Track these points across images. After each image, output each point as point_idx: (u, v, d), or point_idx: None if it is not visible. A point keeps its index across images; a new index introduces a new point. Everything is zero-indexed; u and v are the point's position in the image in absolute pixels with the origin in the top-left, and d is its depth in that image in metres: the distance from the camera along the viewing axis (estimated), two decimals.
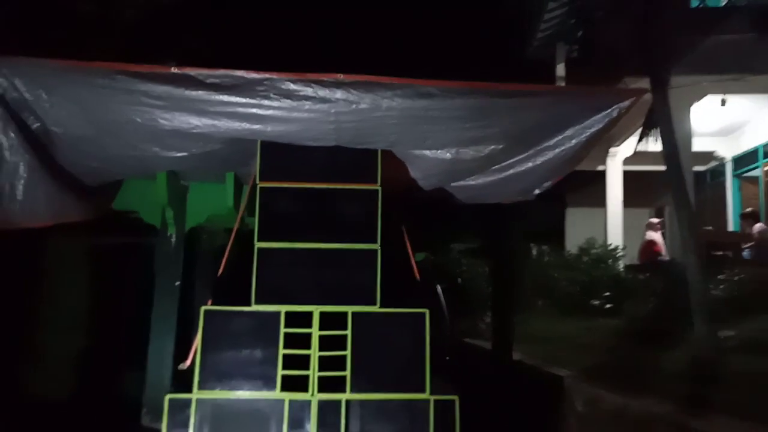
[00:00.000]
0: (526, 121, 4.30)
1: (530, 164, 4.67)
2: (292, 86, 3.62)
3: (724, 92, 8.37)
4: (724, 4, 9.40)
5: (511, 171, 4.76)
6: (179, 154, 4.25)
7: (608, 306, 6.91)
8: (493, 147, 4.48)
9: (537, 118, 4.30)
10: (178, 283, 4.96)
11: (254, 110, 3.74)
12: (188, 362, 3.77)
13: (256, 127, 3.89)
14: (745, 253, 8.27)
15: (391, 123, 4.05)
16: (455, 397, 3.91)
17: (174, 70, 3.51)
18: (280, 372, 3.73)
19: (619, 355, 4.95)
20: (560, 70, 11.00)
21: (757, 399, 3.44)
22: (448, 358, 5.35)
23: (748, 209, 9.74)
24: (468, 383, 4.66)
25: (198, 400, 3.64)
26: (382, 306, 4.06)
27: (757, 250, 8.17)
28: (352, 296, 4.07)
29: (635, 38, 5.28)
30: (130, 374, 5.30)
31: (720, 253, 8.06)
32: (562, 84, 10.51)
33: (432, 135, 4.33)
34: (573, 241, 10.65)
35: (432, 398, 3.86)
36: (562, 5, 9.79)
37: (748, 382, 3.66)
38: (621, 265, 8.85)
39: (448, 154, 4.52)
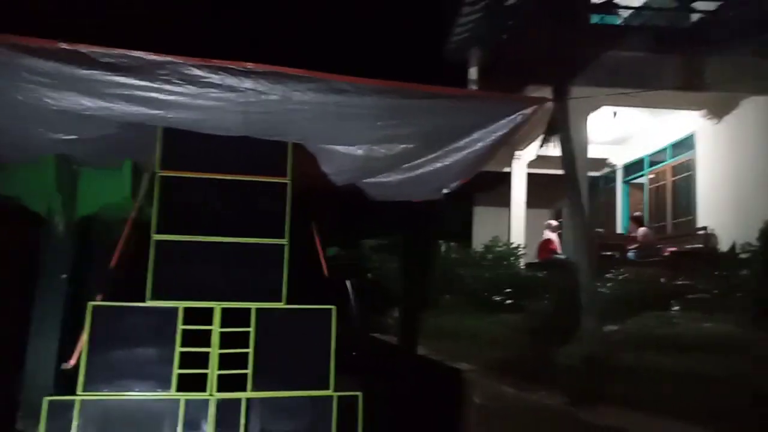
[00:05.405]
0: (437, 122, 4.38)
1: (439, 164, 4.79)
2: (197, 72, 3.43)
3: (617, 105, 9.03)
4: (620, 22, 10.14)
5: (421, 170, 4.86)
6: (69, 137, 3.93)
7: (509, 302, 7.23)
8: (404, 146, 4.54)
9: (447, 120, 4.40)
10: (64, 276, 4.58)
11: (154, 94, 3.51)
12: (72, 362, 3.49)
13: (156, 112, 3.66)
14: (630, 254, 9.01)
15: (303, 117, 3.98)
16: (359, 393, 3.93)
17: (63, 45, 3.21)
18: (176, 371, 3.56)
19: (516, 349, 5.21)
20: (473, 73, 11.37)
21: (640, 390, 3.74)
22: (354, 353, 5.38)
23: (636, 213, 10.62)
24: (373, 378, 4.70)
25: (82, 402, 3.39)
26: (288, 302, 4.00)
27: (641, 252, 8.93)
28: (257, 292, 3.97)
29: (540, 50, 5.56)
30: (6, 375, 4.83)
31: (609, 253, 8.71)
32: (474, 88, 10.87)
33: (344, 131, 4.30)
34: (480, 240, 11.06)
35: (335, 395, 3.86)
36: (477, 11, 10.11)
37: (632, 374, 3.98)
38: (522, 263, 9.31)
39: (359, 150, 4.52)
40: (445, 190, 5.30)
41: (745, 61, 7.67)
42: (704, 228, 8.93)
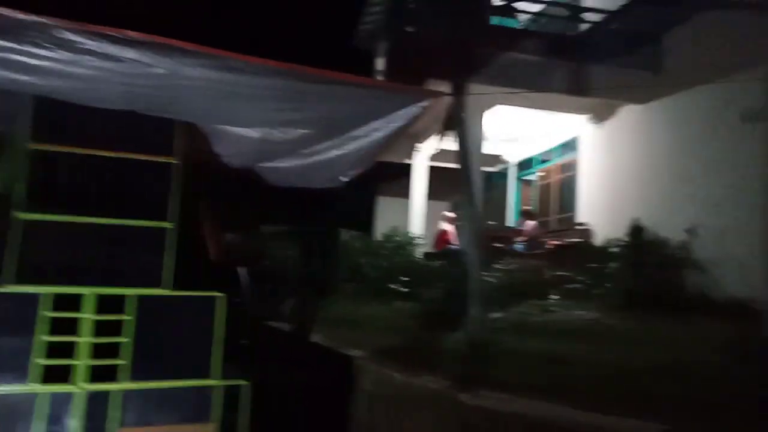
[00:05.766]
0: (336, 109, 4.35)
1: (337, 152, 4.76)
2: (71, 36, 3.09)
3: (512, 104, 9.50)
4: (518, 26, 10.67)
5: (318, 157, 4.81)
6: None
7: (404, 290, 7.41)
8: (301, 131, 4.47)
9: (346, 107, 4.37)
10: None
11: (20, 57, 3.13)
12: None
13: (24, 78, 3.27)
14: (518, 246, 9.57)
15: (192, 94, 3.77)
16: (246, 382, 3.85)
17: None
18: (39, 361, 3.27)
19: (407, 336, 5.36)
20: (379, 64, 11.46)
21: (518, 373, 3.99)
22: (244, 342, 5.24)
23: (525, 208, 11.31)
24: (263, 367, 4.62)
25: None
26: (174, 289, 3.81)
27: (528, 244, 9.52)
28: (138, 278, 3.75)
29: (441, 46, 5.71)
30: None
31: (499, 245, 9.19)
32: (380, 77, 10.96)
33: (238, 112, 4.14)
34: (381, 229, 11.23)
35: (221, 383, 3.75)
36: (383, 2, 10.18)
37: (511, 358, 4.23)
38: (419, 252, 9.57)
39: (255, 133, 4.39)
40: (343, 179, 5.29)
41: (624, 71, 8.36)
42: (583, 224, 9.68)
